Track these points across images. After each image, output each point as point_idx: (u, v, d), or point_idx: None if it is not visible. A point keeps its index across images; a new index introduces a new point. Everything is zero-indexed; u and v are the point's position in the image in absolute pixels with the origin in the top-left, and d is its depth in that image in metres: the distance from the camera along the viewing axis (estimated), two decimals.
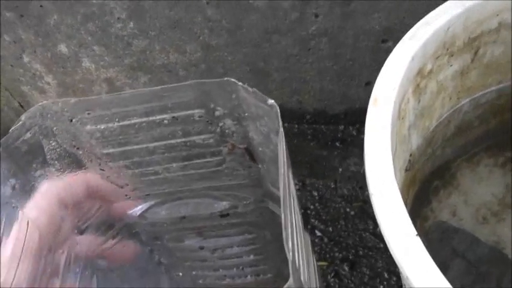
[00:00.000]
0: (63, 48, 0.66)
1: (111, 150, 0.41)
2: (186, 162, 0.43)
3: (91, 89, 0.72)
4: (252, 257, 0.54)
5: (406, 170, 0.49)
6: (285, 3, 0.56)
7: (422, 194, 0.56)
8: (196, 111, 0.38)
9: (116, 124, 0.39)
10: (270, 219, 0.49)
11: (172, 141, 0.41)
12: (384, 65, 0.41)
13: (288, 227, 0.30)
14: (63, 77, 0.71)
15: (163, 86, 0.36)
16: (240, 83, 0.36)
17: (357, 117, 0.71)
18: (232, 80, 0.36)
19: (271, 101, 0.35)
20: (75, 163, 0.41)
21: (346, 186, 0.69)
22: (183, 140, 0.41)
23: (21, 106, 0.78)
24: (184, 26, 0.61)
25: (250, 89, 0.35)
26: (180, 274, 0.55)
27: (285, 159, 0.33)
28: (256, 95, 0.35)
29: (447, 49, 0.46)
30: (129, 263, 0.48)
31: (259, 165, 0.43)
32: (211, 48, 0.63)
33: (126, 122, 0.39)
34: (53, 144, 0.39)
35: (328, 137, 0.73)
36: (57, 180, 0.40)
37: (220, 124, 0.40)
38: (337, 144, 0.72)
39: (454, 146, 0.57)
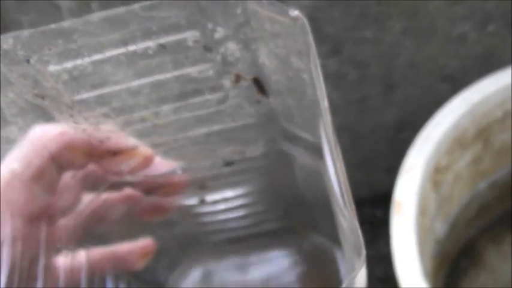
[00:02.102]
0: None
1: (84, 96, 0.32)
2: (179, 103, 0.34)
3: None
4: (261, 207, 0.45)
5: (434, 257, 0.52)
6: None
7: (452, 275, 0.58)
8: (189, 34, 0.30)
9: (87, 60, 0.31)
10: (283, 163, 0.40)
11: (161, 76, 0.32)
12: (402, 169, 0.44)
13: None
14: None
15: (142, 3, 0.28)
16: None
17: (381, 201, 0.74)
18: None
19: (295, 12, 0.27)
20: (41, 117, 0.33)
21: (379, 268, 0.72)
22: (174, 74, 0.32)
23: None
24: None
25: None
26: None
27: (323, 87, 0.28)
28: (274, 6, 0.28)
29: (459, 143, 0.49)
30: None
31: (271, 99, 0.35)
32: None
33: (99, 56, 0.31)
34: (10, 96, 0.32)
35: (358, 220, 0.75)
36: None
37: (221, 50, 0.31)
38: (366, 227, 0.75)
39: (477, 226, 0.59)
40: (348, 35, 0.52)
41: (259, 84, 0.33)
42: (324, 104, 0.27)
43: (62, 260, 0.34)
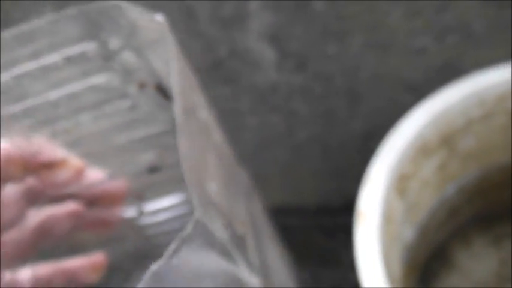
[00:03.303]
0: None
1: (10, 110, 0.34)
2: (95, 113, 0.36)
3: None
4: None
5: (404, 263, 0.53)
6: (274, 119, 0.61)
7: (423, 279, 0.60)
8: (87, 46, 0.32)
9: (7, 75, 0.32)
10: None
11: (73, 87, 0.34)
12: (365, 179, 0.46)
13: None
14: None
15: (41, 19, 0.30)
16: (125, 2, 0.30)
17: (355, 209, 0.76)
18: (117, 1, 0.30)
19: (159, 17, 0.29)
20: None
21: (356, 275, 0.73)
22: (84, 84, 0.34)
23: None
24: None
25: (135, 7, 0.30)
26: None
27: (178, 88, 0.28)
28: (147, 16, 0.29)
29: (423, 151, 0.50)
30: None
31: None
32: None
33: (17, 71, 0.32)
34: None
35: (332, 229, 0.77)
36: None
37: (119, 59, 0.33)
38: (341, 235, 0.76)
39: (447, 229, 0.61)
40: (311, 50, 0.54)
41: (162, 90, 0.35)
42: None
43: (8, 276, 0.34)
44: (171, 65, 0.28)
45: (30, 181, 0.35)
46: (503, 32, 0.52)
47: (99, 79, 0.34)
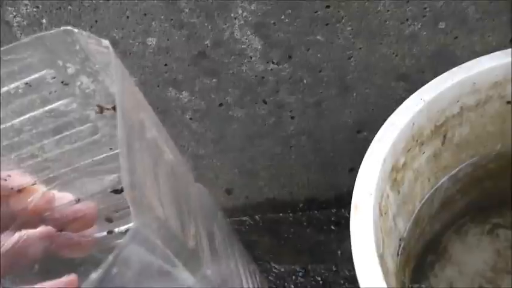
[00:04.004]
0: None
1: None
2: (57, 136, 0.37)
3: None
4: None
5: (399, 255, 0.52)
6: (261, 111, 0.60)
7: (418, 270, 0.59)
8: (46, 72, 0.33)
9: None
10: None
11: (34, 112, 0.35)
12: (359, 171, 0.44)
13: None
14: None
15: (3, 47, 0.31)
16: (76, 30, 0.31)
17: (346, 201, 0.74)
18: (70, 28, 0.31)
19: (105, 42, 0.31)
20: None
21: (347, 267, 0.72)
22: (45, 109, 0.35)
23: None
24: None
25: (84, 33, 0.31)
26: None
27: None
28: (95, 40, 0.31)
29: (416, 140, 0.49)
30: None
31: None
32: (200, 157, 0.67)
33: None
34: None
35: (323, 222, 0.76)
36: None
37: (78, 83, 0.35)
38: (332, 227, 0.75)
39: (441, 220, 0.60)
40: (299, 39, 0.52)
41: None
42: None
43: None
44: (116, 87, 0.29)
45: (2, 207, 0.35)
46: (496, 18, 0.51)
47: (59, 104, 0.35)
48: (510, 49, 0.49)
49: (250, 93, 0.58)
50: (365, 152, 0.45)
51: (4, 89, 0.33)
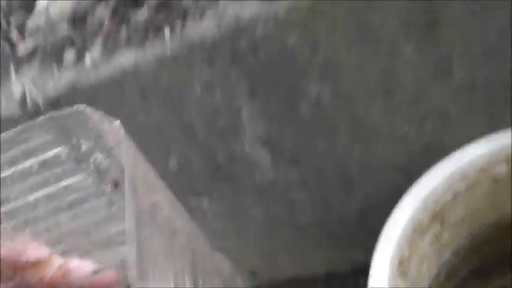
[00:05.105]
0: None
1: None
2: (72, 212, 0.38)
3: None
4: None
5: None
6: (276, 209, 0.65)
7: None
8: (60, 150, 0.34)
9: None
10: None
11: (49, 189, 0.36)
12: (370, 271, 0.49)
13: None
14: None
15: (16, 129, 0.33)
16: (89, 108, 0.32)
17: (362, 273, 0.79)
18: (82, 106, 0.32)
19: (116, 122, 0.32)
20: None
21: None
22: (59, 186, 0.36)
23: None
24: None
25: (96, 112, 0.32)
26: None
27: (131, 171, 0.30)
28: (107, 120, 0.32)
29: (417, 232, 0.54)
30: None
31: None
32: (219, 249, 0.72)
33: None
34: None
35: None
36: None
37: (92, 160, 0.35)
38: None
39: None
40: (302, 149, 0.58)
41: None
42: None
43: None
44: (126, 171, 0.30)
45: (19, 279, 0.36)
46: (476, 113, 0.56)
47: (74, 180, 0.36)
48: (492, 135, 0.54)
49: (264, 196, 0.63)
50: (373, 231, 0.51)
51: (19, 167, 0.34)
